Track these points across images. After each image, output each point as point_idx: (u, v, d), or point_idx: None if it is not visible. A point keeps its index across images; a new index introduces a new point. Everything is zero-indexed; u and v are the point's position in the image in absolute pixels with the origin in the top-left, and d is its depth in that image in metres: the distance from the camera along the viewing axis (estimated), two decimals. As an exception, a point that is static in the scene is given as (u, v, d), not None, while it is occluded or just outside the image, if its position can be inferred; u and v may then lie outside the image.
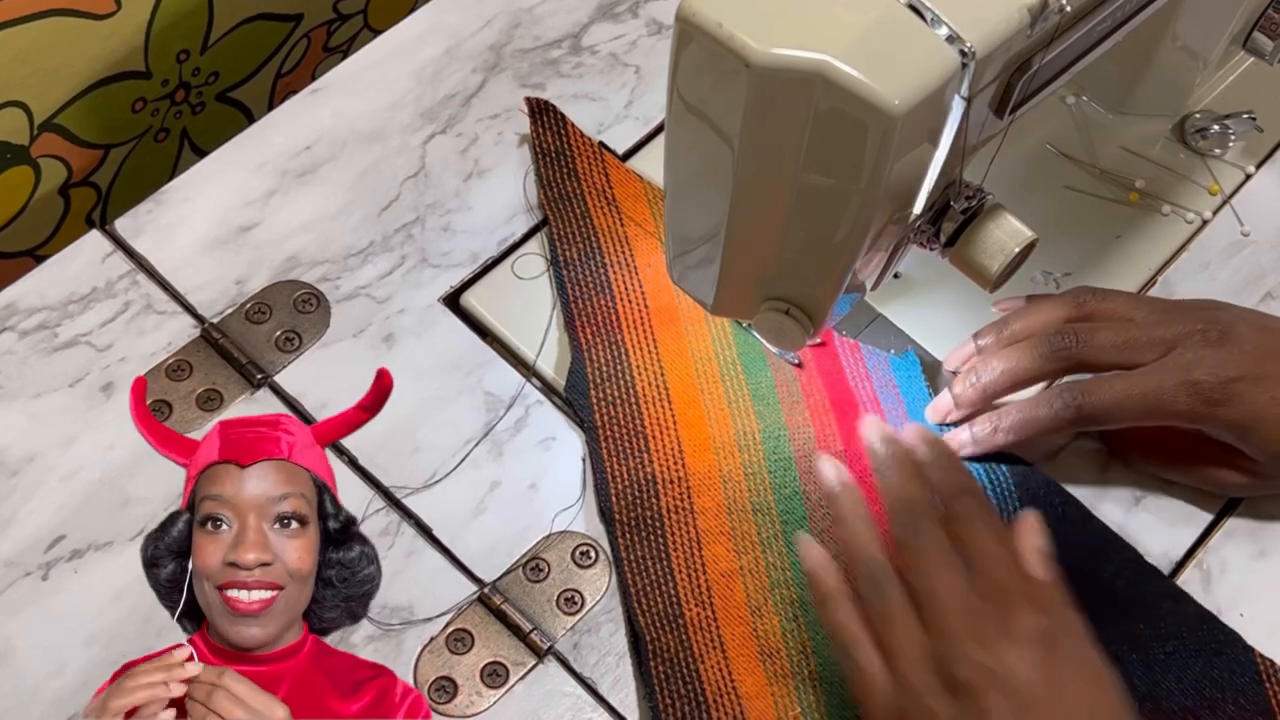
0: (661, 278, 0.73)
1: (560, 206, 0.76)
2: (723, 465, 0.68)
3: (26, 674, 0.63)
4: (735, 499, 0.67)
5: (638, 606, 0.64)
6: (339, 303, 0.74)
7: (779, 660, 0.63)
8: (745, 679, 0.62)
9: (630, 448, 0.68)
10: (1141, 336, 0.65)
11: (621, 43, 0.85)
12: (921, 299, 0.74)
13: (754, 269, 0.62)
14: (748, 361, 0.71)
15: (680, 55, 0.53)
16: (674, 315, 0.73)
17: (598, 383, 0.70)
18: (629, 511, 0.66)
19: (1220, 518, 0.70)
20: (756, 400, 0.70)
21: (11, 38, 0.77)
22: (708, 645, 0.63)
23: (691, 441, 0.69)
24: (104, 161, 0.90)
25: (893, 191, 0.55)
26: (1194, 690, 0.63)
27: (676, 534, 0.66)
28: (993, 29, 0.51)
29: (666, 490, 0.67)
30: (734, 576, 0.65)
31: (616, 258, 0.75)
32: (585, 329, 0.72)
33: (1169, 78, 0.79)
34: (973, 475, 0.62)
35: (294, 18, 0.96)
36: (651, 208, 0.77)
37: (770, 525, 0.66)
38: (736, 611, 0.64)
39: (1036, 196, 0.78)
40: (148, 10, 0.84)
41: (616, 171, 0.78)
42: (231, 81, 0.95)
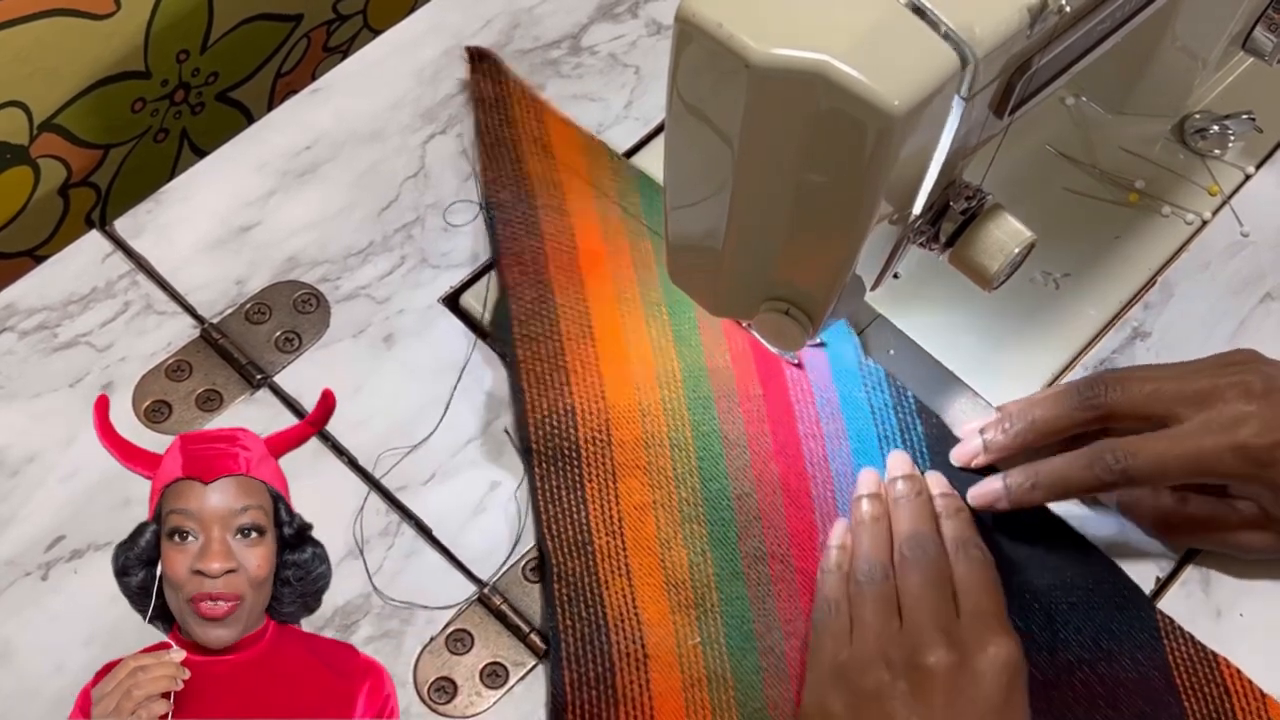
0: (591, 222, 0.76)
1: (495, 151, 0.78)
2: (642, 401, 0.69)
3: (26, 674, 0.63)
4: (653, 434, 0.68)
5: (547, 532, 0.66)
6: (339, 303, 0.74)
7: (683, 591, 0.64)
8: (648, 607, 0.64)
9: (551, 381, 0.70)
10: (1175, 387, 0.63)
11: (621, 43, 0.85)
12: (921, 299, 0.74)
13: (754, 269, 0.62)
14: (672, 304, 0.73)
15: (680, 55, 0.53)
16: (601, 258, 0.74)
17: (522, 320, 0.72)
18: (546, 442, 0.68)
19: (1220, 518, 0.70)
20: (679, 341, 0.72)
21: (11, 38, 0.77)
22: (613, 572, 0.65)
23: (613, 377, 0.70)
24: (104, 161, 0.90)
25: (892, 191, 0.55)
26: (1092, 642, 0.64)
27: (592, 465, 0.67)
28: (993, 29, 0.51)
29: (585, 422, 0.68)
30: (646, 509, 0.66)
31: (548, 201, 0.76)
32: (513, 269, 0.74)
33: (1169, 78, 0.79)
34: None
35: (294, 18, 0.96)
36: (585, 155, 0.78)
37: (686, 461, 0.68)
38: (646, 543, 0.66)
39: (1036, 197, 0.78)
40: (148, 10, 0.84)
41: (552, 119, 0.80)
42: (231, 81, 0.95)
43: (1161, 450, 0.62)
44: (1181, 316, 0.75)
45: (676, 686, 0.62)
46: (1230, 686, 0.63)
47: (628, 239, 0.75)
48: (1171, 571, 0.67)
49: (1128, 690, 0.63)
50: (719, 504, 0.67)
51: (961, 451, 0.68)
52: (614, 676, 0.62)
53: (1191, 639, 0.64)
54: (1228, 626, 0.66)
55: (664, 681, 0.62)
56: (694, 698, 0.62)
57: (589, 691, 0.62)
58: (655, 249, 0.75)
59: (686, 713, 0.62)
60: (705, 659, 0.63)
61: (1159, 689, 0.63)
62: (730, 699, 0.62)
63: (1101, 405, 0.65)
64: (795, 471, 0.68)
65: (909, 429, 0.70)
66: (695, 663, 0.63)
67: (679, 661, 0.63)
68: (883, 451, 0.69)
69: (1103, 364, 0.73)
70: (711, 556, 0.65)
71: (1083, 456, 0.64)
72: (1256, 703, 0.63)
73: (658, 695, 0.62)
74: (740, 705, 0.62)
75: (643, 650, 0.63)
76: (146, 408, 0.70)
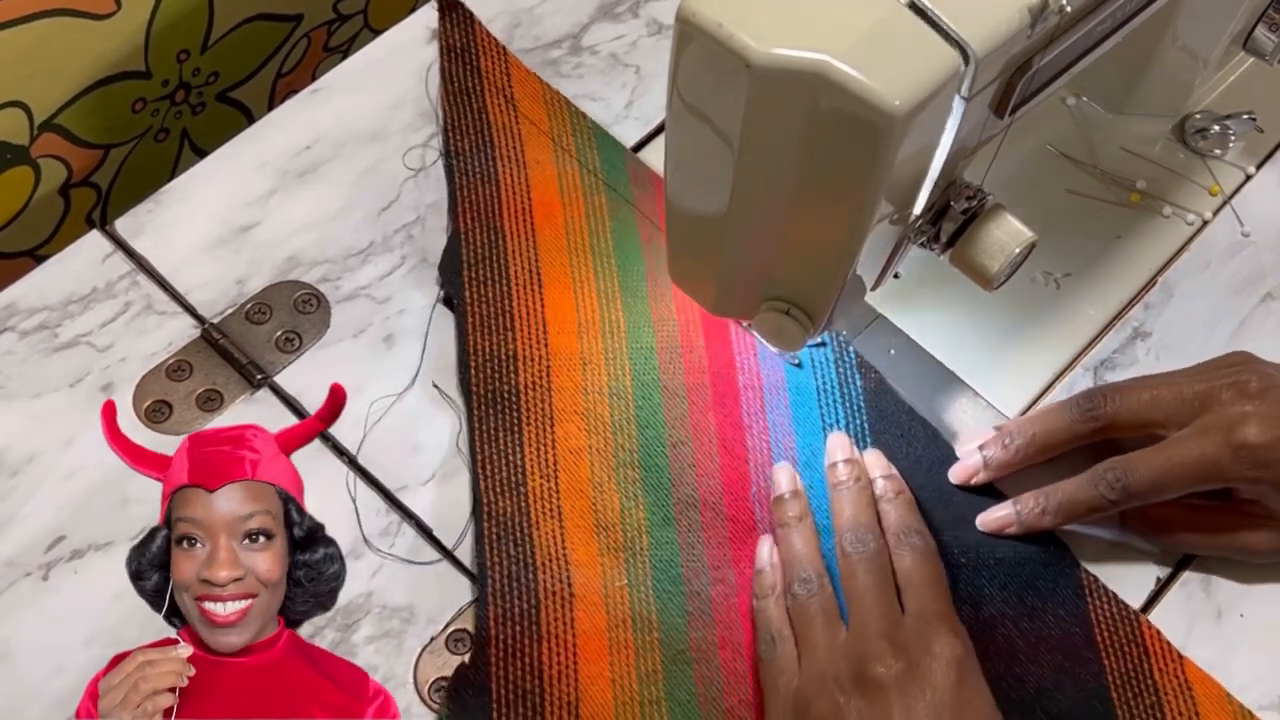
0: (548, 173, 0.77)
1: (459, 100, 0.79)
2: (584, 348, 0.71)
3: (26, 674, 0.63)
4: (593, 381, 0.70)
5: (481, 472, 0.66)
6: (339, 303, 0.74)
7: (613, 534, 0.65)
8: (578, 548, 0.65)
9: (495, 325, 0.71)
10: (1172, 392, 0.63)
11: (622, 43, 0.85)
12: (921, 299, 0.74)
13: (754, 269, 0.62)
14: (622, 258, 0.74)
15: (680, 55, 0.53)
16: (555, 210, 0.76)
17: (471, 264, 0.73)
18: (487, 385, 0.69)
19: (1220, 518, 0.70)
20: (626, 292, 0.73)
21: (11, 38, 0.77)
22: (545, 514, 0.65)
23: (557, 323, 0.71)
24: (104, 161, 0.90)
25: (893, 191, 0.55)
26: (1016, 598, 0.65)
27: (531, 410, 0.68)
28: (993, 29, 0.51)
29: (526, 367, 0.70)
30: (581, 454, 0.67)
31: (507, 152, 0.77)
32: (466, 215, 0.75)
33: (1169, 78, 0.79)
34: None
35: (294, 18, 0.96)
36: (547, 108, 0.80)
37: (625, 409, 0.69)
38: (579, 486, 0.66)
39: (1037, 197, 0.78)
40: (148, 10, 0.84)
41: (518, 71, 0.81)
42: (231, 81, 0.95)
43: (1160, 461, 0.62)
44: (1182, 316, 0.75)
45: (601, 626, 0.63)
46: (1150, 646, 0.64)
47: (583, 192, 0.77)
48: (1172, 572, 0.67)
49: (1049, 646, 0.64)
50: (654, 451, 0.68)
51: (961, 469, 0.68)
52: (539, 613, 0.63)
53: (1115, 598, 0.65)
54: (1228, 627, 0.66)
55: (589, 621, 0.63)
56: (618, 638, 0.63)
57: (513, 627, 0.62)
58: (610, 203, 0.76)
59: (610, 651, 0.62)
60: (631, 601, 0.64)
61: (1079, 645, 0.64)
62: (654, 640, 0.63)
63: (1101, 416, 0.64)
64: (732, 422, 0.69)
65: (848, 382, 0.71)
66: (621, 604, 0.64)
67: (605, 602, 0.64)
68: (820, 405, 0.70)
69: (1103, 364, 0.73)
70: (644, 502, 0.66)
71: (1085, 479, 0.64)
72: (1174, 664, 0.64)
73: (582, 634, 0.63)
74: (664, 646, 0.63)
75: (569, 589, 0.64)
76: (147, 408, 0.70)
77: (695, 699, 0.62)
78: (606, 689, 0.62)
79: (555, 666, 0.62)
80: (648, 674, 0.62)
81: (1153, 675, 0.63)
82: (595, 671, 0.62)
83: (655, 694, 0.62)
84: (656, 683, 0.62)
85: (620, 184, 0.77)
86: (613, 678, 0.62)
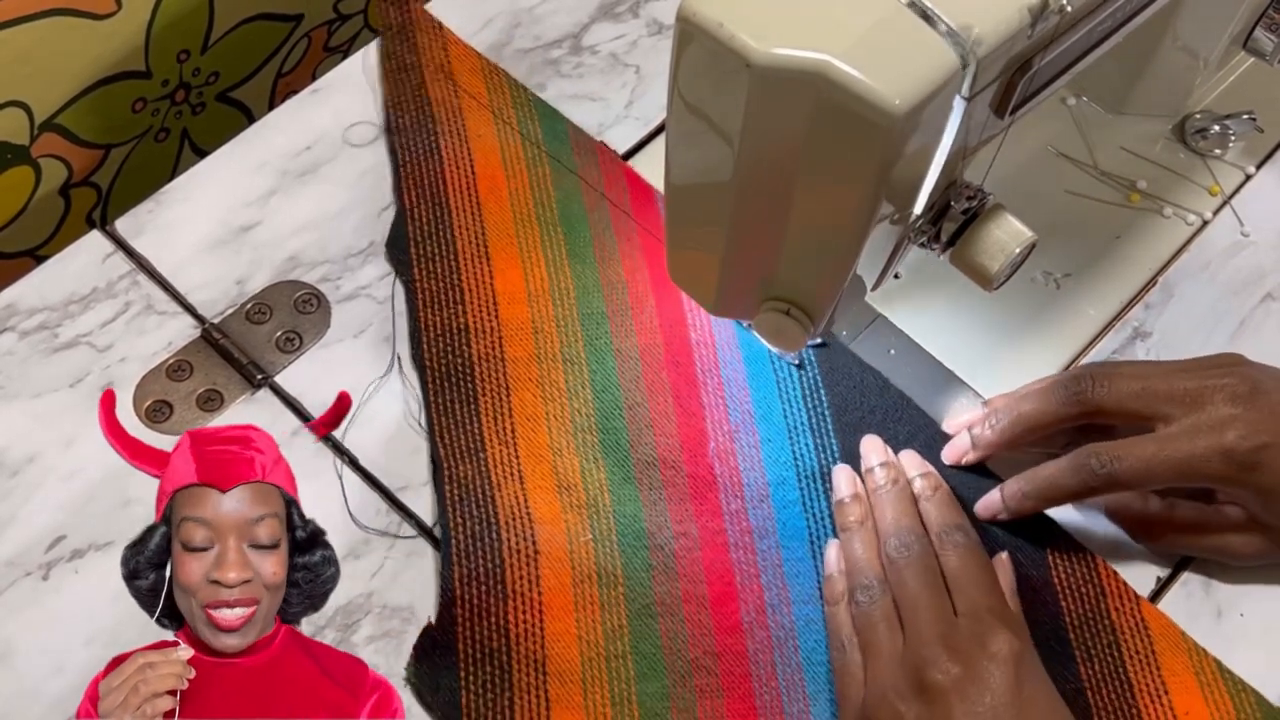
0: (490, 146, 0.78)
1: (398, 76, 0.80)
2: (535, 317, 0.72)
3: (26, 674, 0.63)
4: (546, 349, 0.71)
5: (440, 441, 0.67)
6: (339, 303, 0.74)
7: (575, 493, 0.66)
8: (540, 507, 0.66)
9: (445, 299, 0.72)
10: (1163, 386, 0.63)
11: (622, 43, 0.85)
12: (921, 299, 0.74)
13: (754, 269, 0.62)
14: (568, 226, 0.75)
15: (681, 55, 0.53)
16: (499, 182, 0.76)
17: (418, 240, 0.74)
18: (440, 359, 0.70)
19: (1220, 518, 0.70)
20: (574, 259, 0.74)
21: (11, 38, 0.77)
22: (506, 477, 0.66)
23: (506, 294, 0.72)
24: (104, 161, 0.90)
25: (893, 191, 0.55)
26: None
27: (486, 381, 0.69)
28: (993, 29, 0.51)
29: (478, 339, 0.71)
30: (539, 421, 0.68)
31: (448, 126, 0.78)
32: (411, 191, 0.76)
33: (1169, 78, 0.79)
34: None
35: (294, 18, 0.96)
36: (487, 82, 0.81)
37: (579, 374, 0.70)
38: (538, 451, 0.67)
39: (1037, 197, 0.78)
40: (148, 10, 0.84)
41: (456, 47, 0.82)
42: (232, 81, 0.95)
43: (1148, 454, 0.62)
44: (1182, 316, 0.75)
45: (566, 583, 0.64)
46: (1107, 586, 0.65)
47: (526, 164, 0.77)
48: (1172, 571, 0.67)
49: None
50: (611, 414, 0.69)
51: (952, 449, 0.69)
52: (504, 572, 0.63)
53: (1071, 538, 0.66)
54: (1228, 626, 0.66)
55: (554, 578, 0.64)
56: (583, 594, 0.64)
57: (478, 587, 0.63)
58: (553, 173, 0.77)
59: (575, 608, 0.63)
60: (596, 556, 0.65)
61: (1038, 586, 0.65)
62: (619, 595, 0.64)
63: (1088, 401, 0.64)
64: (686, 379, 0.70)
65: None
66: (586, 559, 0.64)
67: (569, 558, 0.64)
68: (773, 356, 0.71)
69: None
70: (604, 463, 0.67)
71: (1069, 462, 0.64)
72: (1131, 604, 0.65)
73: (547, 590, 0.63)
74: (629, 601, 0.64)
75: (533, 547, 0.64)
76: (147, 408, 0.70)
77: (661, 652, 0.63)
78: (573, 645, 0.62)
79: (521, 624, 0.62)
80: (614, 629, 0.63)
81: (1110, 615, 0.64)
82: (561, 628, 0.63)
83: (621, 648, 0.63)
84: (622, 637, 0.63)
85: (563, 154, 0.78)
86: (579, 634, 0.63)
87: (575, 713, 0.61)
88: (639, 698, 0.61)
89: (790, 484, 0.67)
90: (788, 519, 0.66)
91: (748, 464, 0.68)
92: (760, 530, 0.66)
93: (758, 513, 0.67)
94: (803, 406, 0.70)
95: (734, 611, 0.64)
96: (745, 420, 0.69)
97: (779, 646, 0.63)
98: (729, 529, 0.66)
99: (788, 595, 0.64)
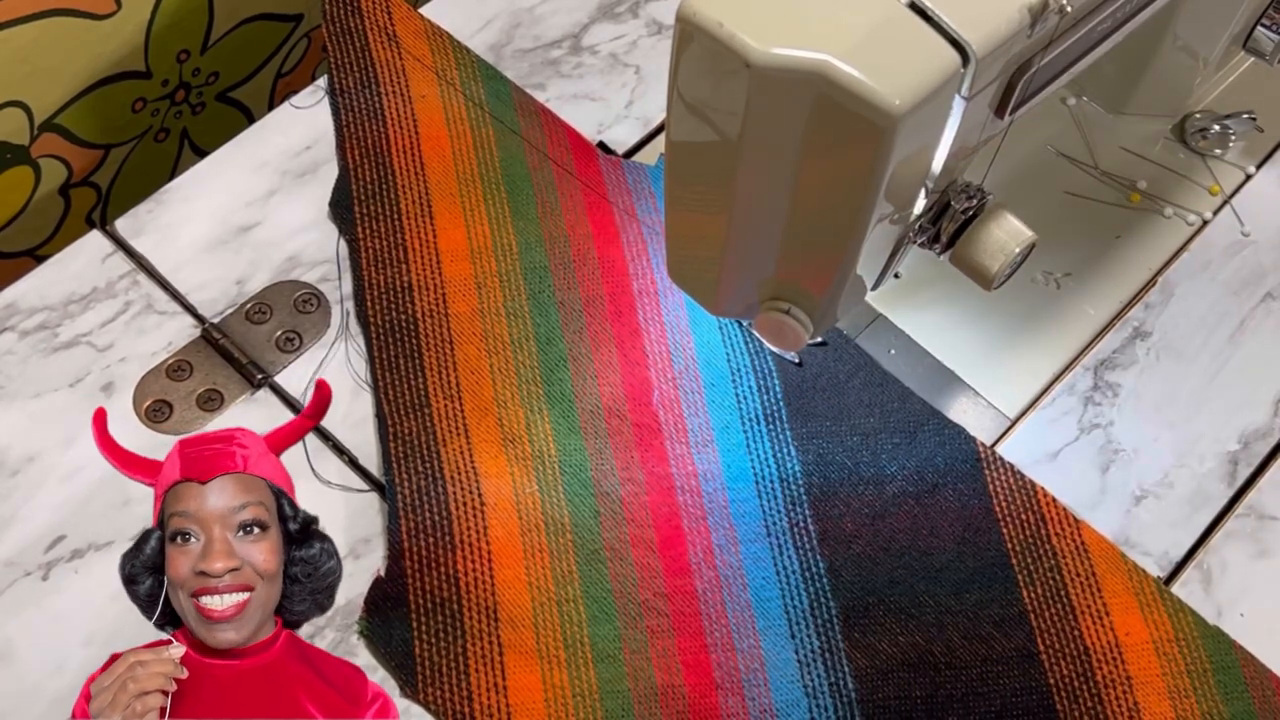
0: (434, 107, 0.79)
1: (341, 40, 0.81)
2: (479, 273, 0.72)
3: (26, 674, 0.63)
4: (489, 304, 0.72)
5: (384, 397, 0.68)
6: (339, 303, 0.74)
7: (521, 445, 0.67)
8: (486, 461, 0.67)
9: (389, 258, 0.73)
10: None
11: (622, 43, 0.85)
12: (921, 299, 0.74)
13: (754, 269, 0.62)
14: (511, 183, 0.76)
15: (681, 55, 0.53)
16: (443, 142, 0.77)
17: (362, 199, 0.75)
18: (384, 315, 0.71)
19: (1220, 518, 0.70)
20: (516, 216, 0.75)
21: (11, 38, 0.77)
22: (451, 431, 0.67)
23: (450, 251, 0.73)
24: (104, 161, 0.90)
25: (893, 191, 0.55)
26: (915, 475, 0.67)
27: (430, 336, 0.70)
28: (993, 29, 0.51)
29: (422, 296, 0.71)
30: (483, 374, 0.69)
31: (392, 88, 0.79)
32: (354, 151, 0.77)
33: (1169, 78, 0.79)
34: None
35: (294, 18, 0.96)
36: (431, 44, 0.81)
37: (523, 327, 0.71)
38: (483, 404, 0.68)
39: (1037, 197, 0.78)
40: (148, 10, 0.84)
41: (400, 10, 0.83)
42: (231, 81, 0.95)
43: None
44: (1182, 316, 0.75)
45: (515, 532, 0.65)
46: (1046, 513, 0.66)
47: (470, 124, 0.78)
48: (1173, 571, 0.68)
49: (949, 519, 0.66)
50: (555, 366, 0.70)
51: None
52: (451, 524, 0.64)
53: (1011, 468, 0.67)
54: (1228, 625, 0.66)
55: (502, 528, 0.65)
56: (532, 542, 0.65)
57: (426, 538, 0.64)
58: (496, 134, 0.78)
59: (525, 556, 0.64)
60: (543, 505, 0.66)
61: (978, 515, 0.66)
62: (568, 542, 0.65)
63: None
64: (630, 329, 0.71)
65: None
66: (533, 509, 0.65)
67: (516, 509, 0.65)
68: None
69: (1103, 364, 0.73)
70: (549, 414, 0.68)
71: None
72: (1071, 528, 0.66)
73: (495, 540, 0.64)
74: (578, 548, 0.65)
75: (480, 499, 0.65)
76: (147, 407, 0.70)
77: (611, 595, 0.64)
78: (524, 592, 0.63)
79: (471, 574, 0.63)
80: (563, 575, 0.64)
81: (1050, 540, 0.66)
82: (511, 576, 0.64)
83: (572, 593, 0.64)
84: (573, 582, 0.64)
85: (506, 116, 0.78)
86: (529, 580, 0.64)
87: (528, 657, 0.62)
88: (591, 640, 0.62)
89: (734, 427, 0.68)
90: (732, 461, 0.67)
91: (691, 410, 0.69)
92: (706, 474, 0.67)
93: (703, 456, 0.68)
94: (745, 350, 0.71)
95: (682, 554, 0.65)
96: (689, 366, 0.70)
97: (727, 585, 0.64)
98: (675, 473, 0.67)
99: (735, 535, 0.65)
